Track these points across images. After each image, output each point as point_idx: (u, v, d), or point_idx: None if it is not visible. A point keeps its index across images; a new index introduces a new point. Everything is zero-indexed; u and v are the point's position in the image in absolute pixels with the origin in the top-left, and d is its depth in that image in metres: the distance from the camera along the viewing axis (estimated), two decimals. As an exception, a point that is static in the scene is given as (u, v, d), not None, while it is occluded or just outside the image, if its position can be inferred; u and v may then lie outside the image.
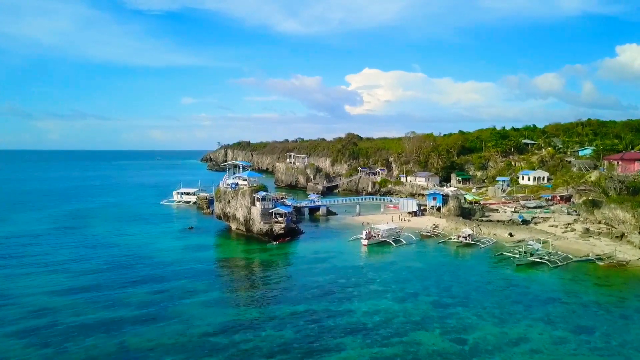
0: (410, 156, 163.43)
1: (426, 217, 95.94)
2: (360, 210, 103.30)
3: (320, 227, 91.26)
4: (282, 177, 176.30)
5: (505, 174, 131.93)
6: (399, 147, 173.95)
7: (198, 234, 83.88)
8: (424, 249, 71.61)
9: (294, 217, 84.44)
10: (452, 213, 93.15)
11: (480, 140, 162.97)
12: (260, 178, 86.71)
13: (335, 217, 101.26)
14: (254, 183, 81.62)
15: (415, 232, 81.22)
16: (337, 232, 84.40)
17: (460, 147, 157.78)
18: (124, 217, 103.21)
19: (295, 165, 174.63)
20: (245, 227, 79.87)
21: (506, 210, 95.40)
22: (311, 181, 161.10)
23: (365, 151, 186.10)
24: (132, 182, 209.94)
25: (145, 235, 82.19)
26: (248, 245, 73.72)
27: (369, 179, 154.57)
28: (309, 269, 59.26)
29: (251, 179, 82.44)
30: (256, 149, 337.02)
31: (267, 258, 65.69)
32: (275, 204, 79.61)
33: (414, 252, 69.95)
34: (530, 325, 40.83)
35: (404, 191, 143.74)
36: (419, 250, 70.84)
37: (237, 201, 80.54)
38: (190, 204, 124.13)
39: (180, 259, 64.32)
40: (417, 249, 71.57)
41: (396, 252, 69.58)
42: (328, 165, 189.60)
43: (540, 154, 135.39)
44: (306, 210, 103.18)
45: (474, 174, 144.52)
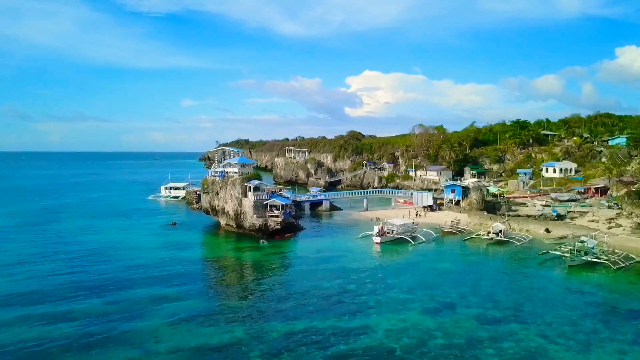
0: (419, 150, 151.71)
1: (444, 211, 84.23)
2: (368, 204, 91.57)
3: (323, 223, 79.57)
4: (281, 173, 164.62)
5: (525, 166, 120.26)
6: (405, 142, 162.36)
7: (181, 230, 72.20)
8: (448, 247, 59.90)
9: (293, 210, 72.75)
10: (474, 207, 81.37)
11: (493, 133, 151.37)
12: (253, 166, 74.88)
13: (339, 213, 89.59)
14: (246, 171, 69.85)
15: (433, 228, 69.56)
16: (343, 229, 72.70)
17: (472, 140, 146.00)
18: (102, 212, 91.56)
19: (295, 159, 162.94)
20: (235, 222, 68.18)
21: (535, 204, 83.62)
22: (312, 176, 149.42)
23: (370, 146, 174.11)
24: (124, 179, 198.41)
25: (120, 232, 70.53)
26: (238, 242, 62.02)
27: (375, 173, 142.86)
28: (311, 271, 47.55)
29: (243, 165, 70.67)
30: (255, 147, 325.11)
31: (259, 258, 53.97)
32: (271, 195, 67.91)
33: (437, 250, 58.25)
34: (623, 351, 29.10)
35: (413, 186, 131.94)
36: (443, 249, 59.13)
37: (226, 192, 68.84)
38: (179, 199, 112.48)
39: (154, 260, 52.65)
40: (440, 247, 59.87)
41: (415, 250, 57.89)
42: (330, 161, 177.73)
43: (563, 145, 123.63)
44: (307, 205, 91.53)
45: (489, 167, 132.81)
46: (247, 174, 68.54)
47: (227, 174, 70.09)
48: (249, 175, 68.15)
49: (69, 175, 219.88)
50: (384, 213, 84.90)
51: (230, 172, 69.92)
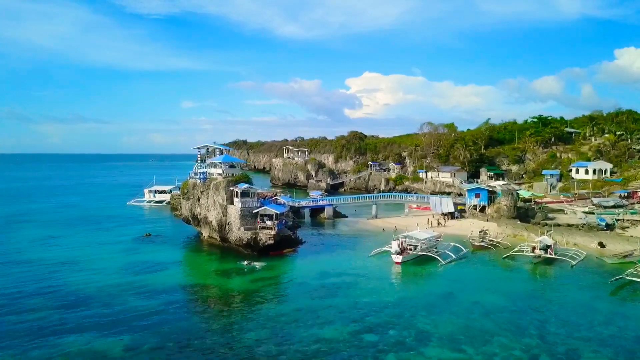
0: (428, 149, 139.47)
1: (467, 220, 71.88)
2: (378, 211, 79.14)
3: (326, 234, 67.11)
4: (279, 175, 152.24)
5: (549, 167, 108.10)
6: (412, 142, 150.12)
7: (155, 243, 59.80)
8: (485, 268, 47.46)
9: (290, 220, 60.47)
10: (504, 214, 68.98)
11: (509, 131, 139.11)
12: (242, 166, 62.46)
13: (344, 221, 77.21)
14: (233, 172, 57.46)
15: (458, 241, 57.29)
16: (351, 242, 60.31)
17: (487, 139, 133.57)
18: (70, 221, 79.14)
19: (294, 160, 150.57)
20: (219, 235, 55.84)
21: (575, 211, 71.25)
22: (312, 178, 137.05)
23: (374, 146, 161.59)
24: (112, 181, 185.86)
25: (82, 246, 58.19)
26: (221, 262, 49.62)
27: (382, 175, 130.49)
28: (311, 311, 34.99)
29: (232, 165, 58.28)
30: (253, 147, 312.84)
31: (244, 287, 41.45)
32: (263, 201, 55.57)
33: (474, 273, 45.80)
34: None
35: (424, 189, 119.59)
36: (480, 271, 46.69)
37: (208, 198, 56.49)
38: (164, 205, 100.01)
39: (108, 290, 40.21)
40: (475, 268, 47.45)
41: (446, 273, 45.47)
42: (331, 162, 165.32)
43: (592, 143, 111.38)
44: (307, 211, 79.21)
45: (507, 168, 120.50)
46: (233, 176, 56.12)
47: (209, 175, 57.71)
48: (235, 177, 55.74)
49: (55, 178, 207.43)
50: (398, 222, 72.50)
51: (214, 174, 57.51)
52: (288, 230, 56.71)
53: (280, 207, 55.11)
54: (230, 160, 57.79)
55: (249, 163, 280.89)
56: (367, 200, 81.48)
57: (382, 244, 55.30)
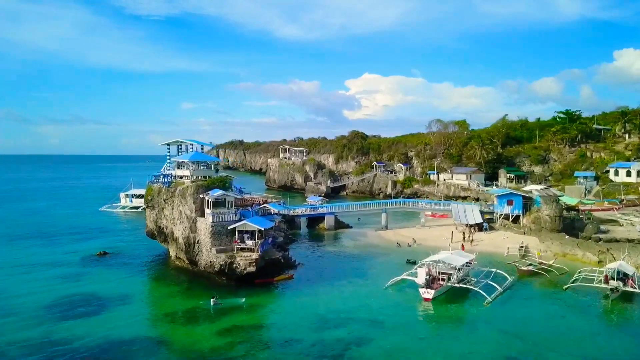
0: (438, 149, 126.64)
1: (499, 232, 58.94)
2: (388, 220, 66.14)
3: (326, 251, 54.04)
4: (275, 176, 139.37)
5: (579, 167, 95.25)
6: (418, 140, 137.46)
7: (108, 267, 46.81)
8: (549, 309, 34.33)
9: (280, 236, 47.56)
10: (546, 226, 55.93)
11: (526, 129, 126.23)
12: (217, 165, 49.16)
13: (348, 233, 64.28)
14: (207, 174, 44.42)
15: (493, 262, 44.42)
16: (359, 264, 47.31)
17: (504, 136, 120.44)
18: (22, 232, 66.20)
19: (290, 160, 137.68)
20: (187, 257, 42.83)
21: (633, 222, 58.26)
22: (311, 180, 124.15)
23: (378, 145, 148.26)
24: (96, 183, 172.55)
25: (15, 269, 45.25)
26: (188, 297, 36.59)
27: (388, 177, 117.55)
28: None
29: (203, 166, 45.23)
30: (249, 147, 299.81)
31: (207, 343, 28.33)
32: (244, 212, 42.63)
33: (536, 317, 32.63)
34: None
35: (436, 193, 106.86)
36: (542, 313, 33.56)
37: (172, 208, 43.52)
38: (140, 210, 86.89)
39: (12, 348, 27.20)
40: (534, 309, 34.34)
41: (497, 317, 32.38)
42: (332, 163, 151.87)
43: (626, 141, 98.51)
44: (303, 221, 66.26)
45: (529, 169, 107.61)
46: (205, 179, 43.11)
47: (174, 179, 44.74)
48: (208, 181, 42.70)
49: (33, 180, 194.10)
50: (413, 234, 59.53)
51: (181, 176, 44.47)
52: (277, 250, 43.70)
53: (265, 221, 41.87)
54: (202, 159, 44.60)
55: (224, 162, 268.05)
56: (375, 208, 68.35)
57: (399, 266, 42.46)
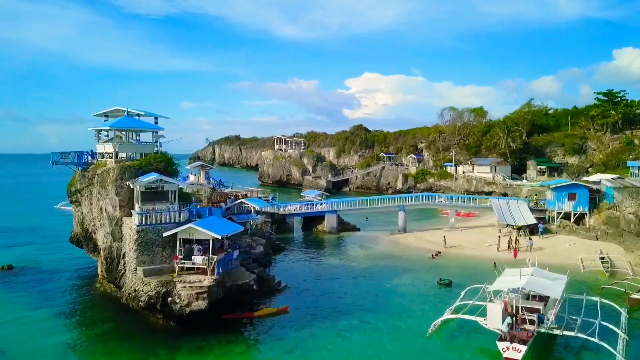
0: (452, 139, 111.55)
1: (559, 236, 43.70)
2: (407, 220, 50.75)
3: (327, 266, 38.46)
4: (269, 171, 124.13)
5: (626, 157, 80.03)
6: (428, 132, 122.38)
7: (12, 288, 31.50)
8: None
9: (258, 245, 32.27)
10: (632, 229, 40.56)
11: (552, 117, 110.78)
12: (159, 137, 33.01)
13: (355, 237, 49.03)
14: (142, 150, 28.92)
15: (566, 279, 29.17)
16: (375, 287, 31.97)
17: (529, 124, 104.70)
18: None
19: (286, 153, 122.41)
20: (110, 279, 27.42)
21: None
22: (309, 174, 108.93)
23: (383, 137, 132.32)
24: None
25: None
26: (102, 354, 21.39)
27: (398, 170, 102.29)
28: None
29: (129, 136, 29.63)
30: (246, 143, 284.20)
31: None
32: (200, 211, 27.25)
33: None
34: None
35: (454, 187, 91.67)
36: None
37: (91, 203, 28.15)
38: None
39: None
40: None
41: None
42: (333, 157, 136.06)
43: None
44: (297, 221, 51.11)
45: (562, 160, 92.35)
46: (133, 162, 27.63)
47: (93, 158, 29.33)
48: (142, 160, 27.27)
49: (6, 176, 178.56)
50: (442, 238, 44.11)
51: (105, 156, 29.00)
52: (252, 267, 28.34)
53: (226, 224, 25.94)
54: (133, 127, 28.88)
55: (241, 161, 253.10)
56: (390, 205, 52.83)
57: (436, 291, 27.25)
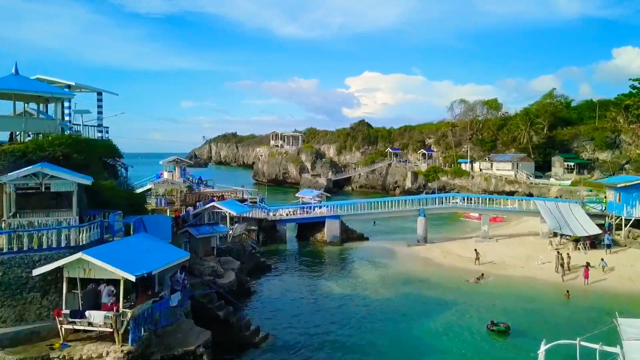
0: (464, 134, 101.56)
1: (631, 250, 33.39)
2: (427, 227, 40.31)
3: (329, 297, 27.84)
4: (264, 168, 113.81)
5: (671, 153, 69.96)
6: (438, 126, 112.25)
7: None
8: None
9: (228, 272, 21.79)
10: None
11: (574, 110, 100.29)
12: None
13: (364, 248, 38.79)
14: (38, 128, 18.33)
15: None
16: (399, 334, 21.60)
17: (551, 117, 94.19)
18: None
19: (283, 149, 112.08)
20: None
21: None
22: (307, 172, 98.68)
23: (388, 133, 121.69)
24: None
25: None
26: None
27: (406, 168, 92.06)
28: None
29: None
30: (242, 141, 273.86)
31: None
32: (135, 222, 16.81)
33: None
34: None
35: (471, 186, 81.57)
36: None
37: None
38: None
39: None
40: None
41: None
42: (333, 154, 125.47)
43: None
44: (289, 228, 40.84)
45: (592, 155, 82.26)
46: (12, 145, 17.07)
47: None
48: (24, 144, 16.76)
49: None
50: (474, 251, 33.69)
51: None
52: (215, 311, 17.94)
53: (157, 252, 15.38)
54: (23, 89, 18.27)
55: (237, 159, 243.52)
56: (407, 208, 42.25)
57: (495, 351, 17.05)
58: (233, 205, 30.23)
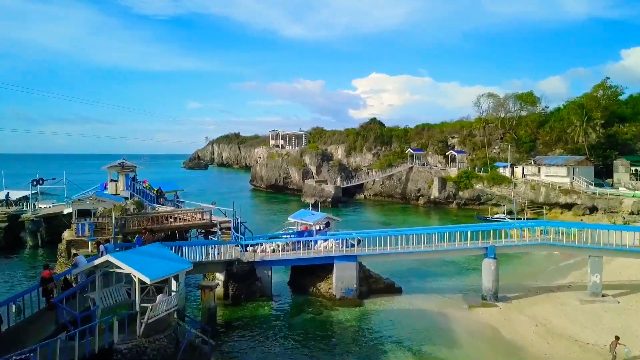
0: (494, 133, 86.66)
1: None
2: (498, 276, 24.91)
3: None
4: (262, 172, 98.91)
5: None
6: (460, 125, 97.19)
7: None
8: None
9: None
10: None
11: (625, 104, 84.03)
12: None
13: (399, 313, 23.64)
14: None
15: None
16: None
17: (606, 112, 77.78)
18: None
19: (283, 150, 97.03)
20: None
21: None
22: (312, 176, 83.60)
23: (404, 132, 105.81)
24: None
25: None
26: None
27: (432, 172, 76.58)
28: None
29: None
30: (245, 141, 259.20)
31: None
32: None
33: None
34: None
35: (512, 196, 65.98)
36: None
37: None
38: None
39: None
40: None
41: None
42: (342, 155, 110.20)
43: None
44: (274, 273, 25.84)
45: (667, 159, 66.52)
46: None
47: None
48: None
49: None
50: (586, 319, 18.33)
51: None
52: None
53: None
54: None
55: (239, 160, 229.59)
56: (466, 247, 26.76)
57: None
58: (150, 260, 15.07)
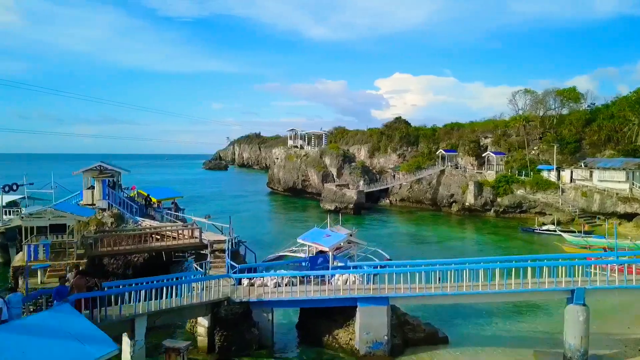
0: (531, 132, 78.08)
1: None
2: (588, 330, 17.83)
3: None
4: (280, 174, 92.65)
5: None
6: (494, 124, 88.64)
7: None
8: None
9: None
10: None
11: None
12: None
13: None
14: None
15: None
16: None
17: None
18: None
19: (302, 151, 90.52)
20: None
21: None
22: (333, 180, 76.71)
23: (432, 132, 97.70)
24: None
25: None
26: None
27: (466, 176, 68.77)
28: None
29: None
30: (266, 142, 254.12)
31: None
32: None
33: None
34: None
35: (560, 204, 57.92)
36: None
37: None
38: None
39: None
40: None
41: None
42: (364, 156, 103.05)
43: None
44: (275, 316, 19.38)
45: None
46: None
47: None
48: None
49: None
50: None
51: None
52: None
53: None
54: None
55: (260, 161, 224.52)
56: (545, 289, 19.86)
57: None
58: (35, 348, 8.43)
